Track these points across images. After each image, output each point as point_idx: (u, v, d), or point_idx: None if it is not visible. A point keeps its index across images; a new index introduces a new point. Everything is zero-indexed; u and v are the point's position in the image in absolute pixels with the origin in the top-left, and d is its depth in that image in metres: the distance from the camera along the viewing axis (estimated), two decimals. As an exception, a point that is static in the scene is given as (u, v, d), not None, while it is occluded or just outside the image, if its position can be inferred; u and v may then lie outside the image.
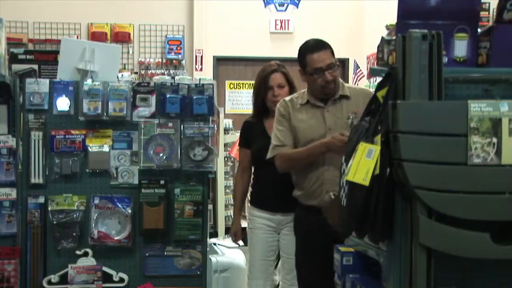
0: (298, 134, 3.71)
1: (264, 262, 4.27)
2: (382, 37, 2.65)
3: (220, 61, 10.48)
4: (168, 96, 4.21)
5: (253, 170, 4.44)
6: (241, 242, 4.75)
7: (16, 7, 9.62)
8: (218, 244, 5.85)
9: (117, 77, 4.61)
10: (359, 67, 9.39)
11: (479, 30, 2.59)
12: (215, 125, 4.15)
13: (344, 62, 10.71)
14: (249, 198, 4.55)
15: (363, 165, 2.29)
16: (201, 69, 10.32)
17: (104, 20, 10.17)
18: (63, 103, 4.32)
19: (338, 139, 3.40)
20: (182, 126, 4.21)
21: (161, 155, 4.18)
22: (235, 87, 10.63)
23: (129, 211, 4.20)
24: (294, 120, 3.73)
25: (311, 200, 3.72)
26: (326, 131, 3.65)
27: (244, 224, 4.54)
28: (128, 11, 10.18)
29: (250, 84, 9.68)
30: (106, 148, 4.27)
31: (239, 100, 10.63)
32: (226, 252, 5.71)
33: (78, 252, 4.24)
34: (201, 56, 10.27)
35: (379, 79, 2.59)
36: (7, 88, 4.10)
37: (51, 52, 5.17)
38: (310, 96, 3.73)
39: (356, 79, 9.48)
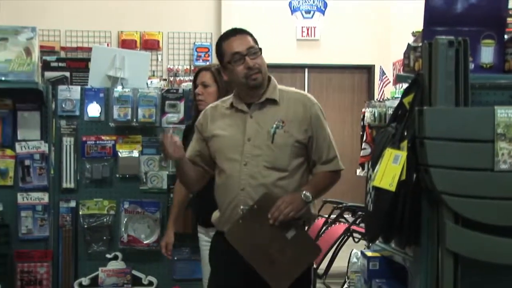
0: (214, 144, 3.02)
1: None
2: (409, 44, 2.64)
3: (247, 68, 10.45)
4: (196, 102, 4.24)
5: None
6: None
7: (49, 16, 9.74)
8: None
9: (147, 83, 4.64)
10: (385, 74, 9.34)
11: (506, 36, 2.56)
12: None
13: (370, 69, 10.68)
14: None
15: (389, 171, 2.28)
16: (228, 76, 10.32)
17: (134, 28, 10.24)
18: (94, 110, 4.36)
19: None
20: (210, 132, 4.21)
21: (189, 160, 4.20)
22: (262, 93, 10.63)
23: (158, 215, 4.23)
24: (210, 129, 3.05)
25: (226, 224, 2.96)
26: (244, 141, 2.94)
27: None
28: (157, 19, 10.24)
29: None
30: (135, 154, 4.30)
31: (266, 106, 10.62)
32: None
33: (108, 256, 4.27)
34: (229, 63, 10.29)
35: (405, 85, 2.58)
36: (40, 95, 4.15)
37: (83, 60, 5.23)
38: (234, 98, 3.03)
39: (382, 85, 9.43)
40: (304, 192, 2.85)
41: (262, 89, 2.98)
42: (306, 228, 3.11)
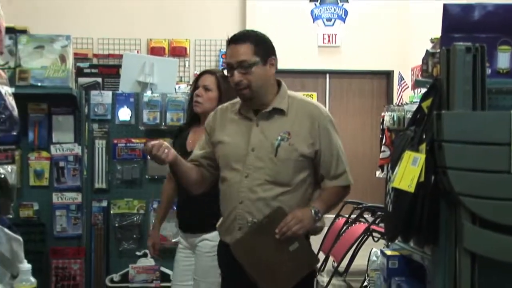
0: (219, 151, 2.80)
1: (178, 287, 3.54)
2: (427, 50, 2.62)
3: (270, 74, 10.45)
4: (222, 106, 4.24)
5: None
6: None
7: (83, 25, 9.82)
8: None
9: (175, 89, 4.67)
10: (403, 79, 9.30)
11: (522, 42, 2.53)
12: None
13: (389, 74, 10.63)
14: None
15: (408, 173, 2.26)
16: (252, 81, 10.33)
17: (163, 36, 10.29)
18: (124, 114, 4.39)
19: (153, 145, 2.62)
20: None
21: (215, 162, 4.20)
22: (284, 98, 10.62)
23: (186, 214, 4.23)
24: (218, 134, 2.82)
25: (226, 235, 2.81)
26: (248, 151, 2.70)
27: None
28: (185, 27, 10.29)
29: (299, 95, 9.67)
30: (164, 156, 4.31)
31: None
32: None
33: (138, 253, 4.30)
34: (253, 69, 10.30)
35: (423, 90, 2.56)
36: (73, 99, 4.18)
37: (114, 66, 5.28)
38: (241, 104, 2.79)
39: (401, 90, 9.38)
40: (314, 209, 2.68)
41: (258, 101, 2.73)
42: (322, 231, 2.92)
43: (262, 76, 2.69)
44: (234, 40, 2.69)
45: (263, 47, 2.71)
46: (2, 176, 2.63)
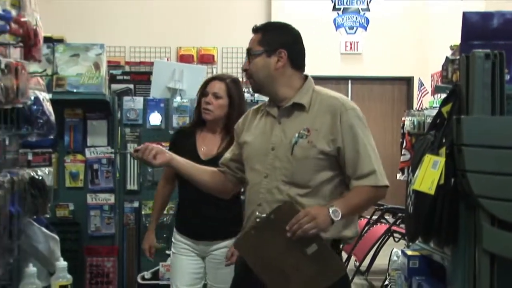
0: (244, 152, 2.56)
1: None
2: (447, 57, 2.60)
3: (294, 80, 10.43)
4: (248, 111, 4.24)
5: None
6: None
7: (116, 34, 9.91)
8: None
9: (203, 95, 4.67)
10: (423, 85, 9.23)
11: (540, 49, 2.51)
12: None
13: (409, 80, 10.56)
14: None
15: (428, 176, 2.25)
16: (277, 87, 10.33)
17: (191, 44, 10.34)
18: (155, 118, 4.42)
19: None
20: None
21: (242, 165, 4.21)
22: (308, 103, 10.61)
23: (213, 215, 4.24)
24: (244, 135, 2.59)
25: None
26: (268, 150, 2.45)
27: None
28: (212, 35, 10.33)
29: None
30: (193, 159, 4.33)
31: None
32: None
33: (168, 252, 4.31)
34: (278, 75, 10.29)
35: (443, 95, 2.54)
36: (107, 105, 4.22)
37: (145, 73, 5.32)
38: (268, 102, 2.56)
39: (421, 95, 9.32)
40: (333, 207, 2.30)
41: (268, 93, 2.51)
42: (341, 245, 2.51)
43: (263, 67, 2.48)
44: (252, 29, 2.61)
45: (271, 37, 2.51)
46: (40, 178, 2.67)
